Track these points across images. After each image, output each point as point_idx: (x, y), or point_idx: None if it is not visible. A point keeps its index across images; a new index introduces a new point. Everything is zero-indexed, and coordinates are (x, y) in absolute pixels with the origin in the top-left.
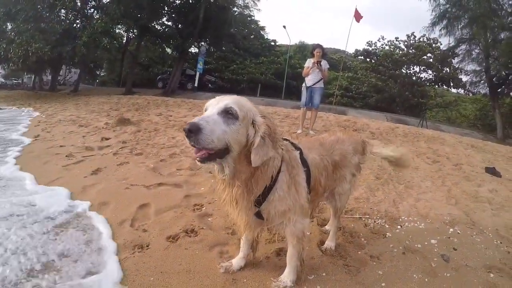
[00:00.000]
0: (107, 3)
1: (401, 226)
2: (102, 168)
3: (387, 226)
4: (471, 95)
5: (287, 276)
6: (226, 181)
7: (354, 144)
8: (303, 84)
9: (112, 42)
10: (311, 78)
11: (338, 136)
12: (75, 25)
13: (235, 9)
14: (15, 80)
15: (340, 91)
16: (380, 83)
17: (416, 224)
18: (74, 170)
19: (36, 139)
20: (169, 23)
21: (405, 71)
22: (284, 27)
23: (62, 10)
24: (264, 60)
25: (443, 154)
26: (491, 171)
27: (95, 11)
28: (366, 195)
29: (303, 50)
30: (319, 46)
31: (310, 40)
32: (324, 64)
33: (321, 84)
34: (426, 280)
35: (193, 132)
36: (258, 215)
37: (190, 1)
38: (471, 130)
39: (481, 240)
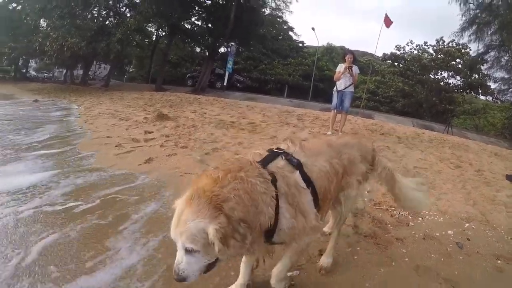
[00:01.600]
0: (139, 1)
1: (422, 219)
2: (154, 158)
3: (410, 218)
4: (499, 102)
5: (275, 285)
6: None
7: (363, 151)
8: (334, 88)
9: (144, 40)
10: (342, 82)
11: (347, 140)
12: (107, 22)
13: (266, 10)
14: (46, 73)
15: (367, 95)
16: (407, 87)
17: (435, 218)
18: (128, 159)
19: (81, 129)
20: (199, 23)
21: (433, 76)
22: (313, 29)
23: (96, 8)
24: (291, 62)
25: (466, 160)
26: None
27: (128, 9)
28: None
29: (331, 52)
30: (350, 52)
31: (337, 42)
32: (355, 69)
33: (351, 89)
34: (442, 259)
35: (182, 281)
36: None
37: (221, 2)
38: (498, 139)
39: (493, 235)
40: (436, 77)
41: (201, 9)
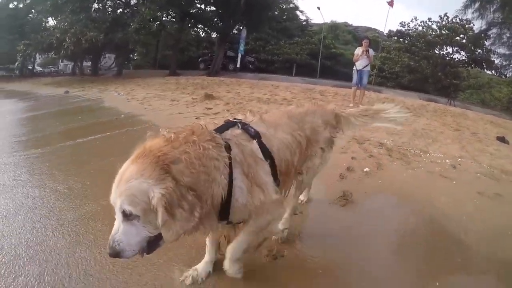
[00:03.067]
0: None
1: (429, 155)
2: None
3: (421, 154)
4: (503, 77)
5: (229, 267)
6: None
7: (325, 116)
8: (354, 68)
9: (160, 28)
10: (360, 63)
11: (307, 107)
12: (119, 12)
13: None
14: (52, 67)
15: (375, 71)
16: (412, 63)
17: (437, 155)
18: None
19: (146, 109)
20: (209, 8)
21: (438, 52)
22: (319, 8)
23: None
24: (298, 41)
25: (465, 126)
26: (501, 139)
27: (140, 1)
28: (409, 140)
29: (335, 30)
30: (366, 37)
31: (340, 19)
32: (371, 52)
33: (368, 68)
34: (440, 174)
35: (115, 255)
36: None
37: None
38: (500, 112)
39: (477, 165)
40: (441, 52)
41: None
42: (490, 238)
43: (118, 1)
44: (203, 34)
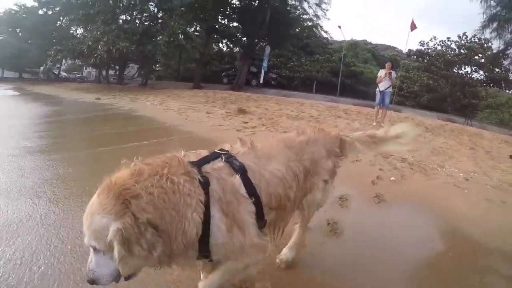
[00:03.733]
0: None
1: (445, 169)
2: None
3: (438, 168)
4: None
5: None
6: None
7: (328, 144)
8: (377, 89)
9: (189, 42)
10: (383, 84)
11: (309, 135)
12: (147, 24)
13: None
14: (77, 74)
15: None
16: (431, 82)
17: (452, 169)
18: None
19: (186, 120)
20: (234, 24)
21: (456, 71)
22: (339, 27)
23: (135, 13)
24: (319, 59)
25: (480, 145)
26: None
27: (164, 13)
28: (428, 157)
29: (355, 48)
30: (390, 60)
31: (359, 36)
32: (393, 74)
33: (390, 89)
34: (454, 185)
35: (94, 283)
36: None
37: (255, 4)
38: None
39: (488, 179)
40: (460, 72)
41: (234, 10)
42: (496, 232)
43: (146, 14)
44: (226, 49)
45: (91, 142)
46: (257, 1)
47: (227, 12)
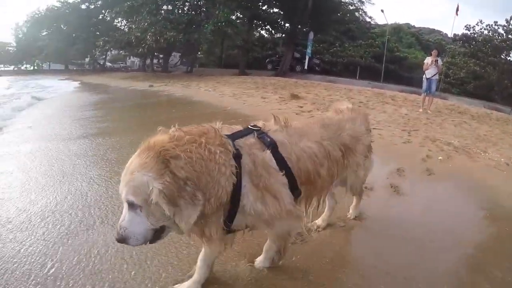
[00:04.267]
0: None
1: (487, 154)
2: None
3: (481, 153)
4: None
5: (261, 261)
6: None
7: (366, 121)
8: (424, 76)
9: (233, 29)
10: (430, 72)
11: (347, 113)
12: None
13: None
14: (122, 63)
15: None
16: (478, 69)
17: (494, 155)
18: None
19: (244, 104)
20: (274, 10)
21: (504, 58)
22: (382, 11)
23: (178, 3)
24: (362, 44)
25: None
26: None
27: (210, 3)
28: (472, 142)
29: (398, 32)
30: (436, 48)
31: (402, 20)
32: (439, 61)
33: (436, 76)
34: (494, 167)
35: (121, 241)
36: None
37: None
38: None
39: None
40: (508, 58)
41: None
42: None
43: (188, 2)
44: (268, 35)
45: (168, 122)
46: None
47: None
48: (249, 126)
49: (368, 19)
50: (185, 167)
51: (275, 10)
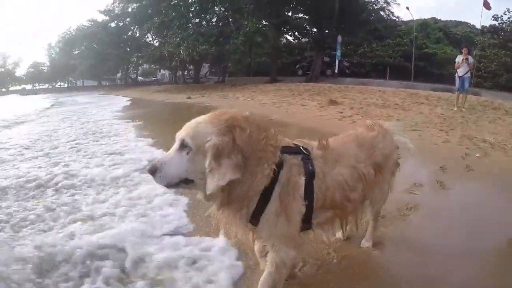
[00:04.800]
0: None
1: None
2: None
3: None
4: None
5: None
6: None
7: (393, 135)
8: (456, 74)
9: (265, 39)
10: (462, 70)
11: (378, 130)
12: (221, 26)
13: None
14: (153, 77)
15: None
16: (509, 60)
17: None
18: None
19: (287, 113)
20: (301, 15)
21: None
22: (408, 8)
23: (208, 16)
24: (389, 43)
25: None
26: None
27: (238, 15)
28: (507, 138)
29: (425, 28)
30: (466, 46)
31: (428, 14)
32: (470, 59)
33: (468, 74)
34: None
35: (151, 173)
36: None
37: None
38: None
39: None
40: None
41: (301, 4)
42: None
43: (216, 15)
44: (294, 40)
45: None
46: None
47: (292, 5)
48: (301, 147)
49: (394, 18)
50: (245, 140)
51: (301, 15)
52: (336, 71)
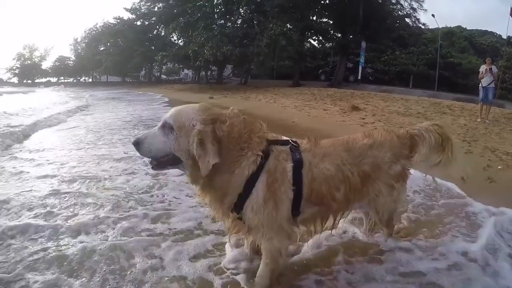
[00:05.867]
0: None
1: None
2: None
3: None
4: None
5: None
6: (196, 187)
7: (397, 148)
8: (480, 85)
9: (287, 41)
10: (486, 80)
11: (375, 138)
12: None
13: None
14: (176, 76)
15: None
16: None
17: None
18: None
19: (309, 116)
20: (325, 20)
21: None
22: (433, 15)
23: (233, 18)
24: (414, 50)
25: None
26: None
27: (263, 17)
28: None
29: (450, 37)
30: (489, 56)
31: (453, 22)
32: (494, 69)
33: (492, 85)
34: None
35: (135, 145)
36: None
37: (345, 1)
38: None
39: None
40: None
41: (325, 9)
42: None
43: (241, 17)
44: (319, 45)
45: None
46: None
47: (317, 10)
48: (290, 140)
49: (420, 25)
50: (225, 130)
51: (326, 20)
52: (359, 77)
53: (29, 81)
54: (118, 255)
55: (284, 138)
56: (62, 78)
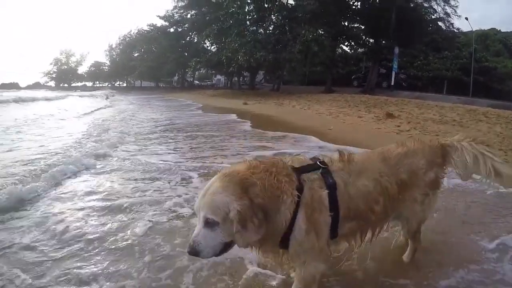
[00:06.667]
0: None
1: None
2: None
3: None
4: None
5: None
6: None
7: (430, 155)
8: None
9: (320, 48)
10: None
11: (408, 147)
12: (278, 34)
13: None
14: (209, 82)
15: None
16: None
17: None
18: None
19: (344, 123)
20: (357, 25)
21: None
22: (466, 18)
23: (265, 24)
24: (448, 55)
25: None
26: None
27: (295, 23)
28: None
29: (484, 40)
30: None
31: (486, 25)
32: None
33: None
34: None
35: (193, 254)
36: None
37: (377, 5)
38: None
39: None
40: None
41: (357, 14)
42: None
43: (273, 23)
44: (351, 51)
45: None
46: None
47: (348, 15)
48: (317, 162)
49: (453, 29)
50: (260, 193)
51: (358, 25)
52: (392, 83)
53: (66, 85)
54: None
55: (310, 157)
56: (97, 82)
